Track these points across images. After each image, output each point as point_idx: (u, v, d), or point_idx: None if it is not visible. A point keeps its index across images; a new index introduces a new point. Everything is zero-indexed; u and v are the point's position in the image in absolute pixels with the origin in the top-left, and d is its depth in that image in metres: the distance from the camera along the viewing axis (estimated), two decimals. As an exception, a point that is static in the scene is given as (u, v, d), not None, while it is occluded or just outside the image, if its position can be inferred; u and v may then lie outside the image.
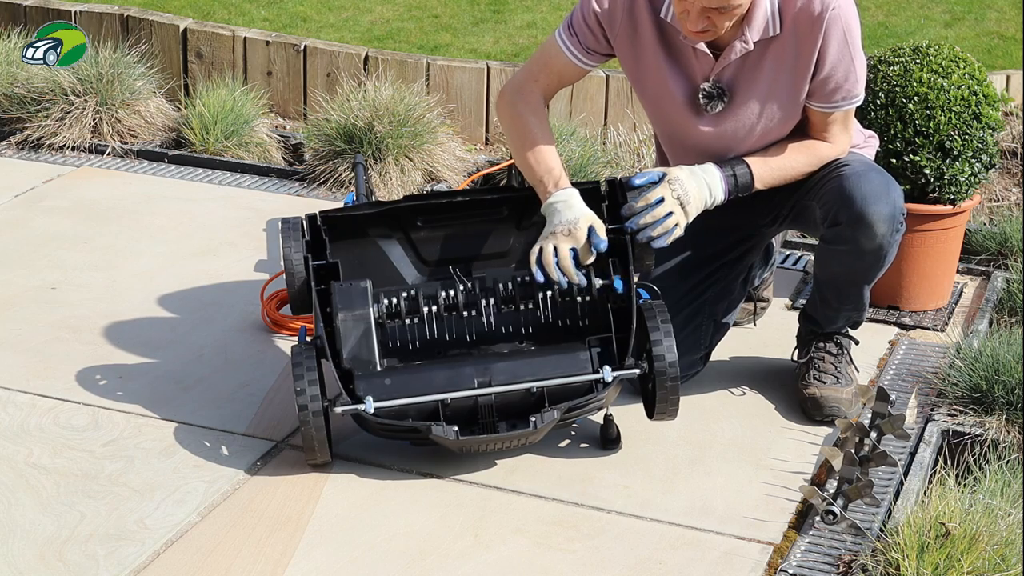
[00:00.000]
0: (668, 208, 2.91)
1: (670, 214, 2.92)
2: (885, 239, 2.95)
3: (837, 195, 2.95)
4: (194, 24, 5.30)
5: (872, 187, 2.93)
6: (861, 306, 3.12)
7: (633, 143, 4.56)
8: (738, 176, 2.98)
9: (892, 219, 2.94)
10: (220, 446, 2.96)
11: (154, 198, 4.36)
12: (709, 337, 3.21)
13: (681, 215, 2.93)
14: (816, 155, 3.03)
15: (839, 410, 3.07)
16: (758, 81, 2.95)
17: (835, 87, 2.94)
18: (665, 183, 2.93)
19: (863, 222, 2.92)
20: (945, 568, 2.44)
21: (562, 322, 2.99)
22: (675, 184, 2.92)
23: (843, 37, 2.88)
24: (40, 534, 2.63)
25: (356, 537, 2.67)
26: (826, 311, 3.14)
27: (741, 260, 3.23)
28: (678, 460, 2.95)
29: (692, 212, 2.94)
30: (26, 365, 3.27)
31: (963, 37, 5.87)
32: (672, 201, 2.91)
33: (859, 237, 2.94)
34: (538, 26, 5.94)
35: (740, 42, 2.89)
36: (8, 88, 4.78)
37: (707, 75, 2.96)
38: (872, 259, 2.98)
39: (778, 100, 2.96)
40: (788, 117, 2.99)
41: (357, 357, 2.85)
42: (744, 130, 2.99)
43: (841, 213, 2.95)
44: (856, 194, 2.92)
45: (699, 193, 2.94)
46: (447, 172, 4.52)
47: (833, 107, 2.97)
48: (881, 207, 2.92)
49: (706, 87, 2.97)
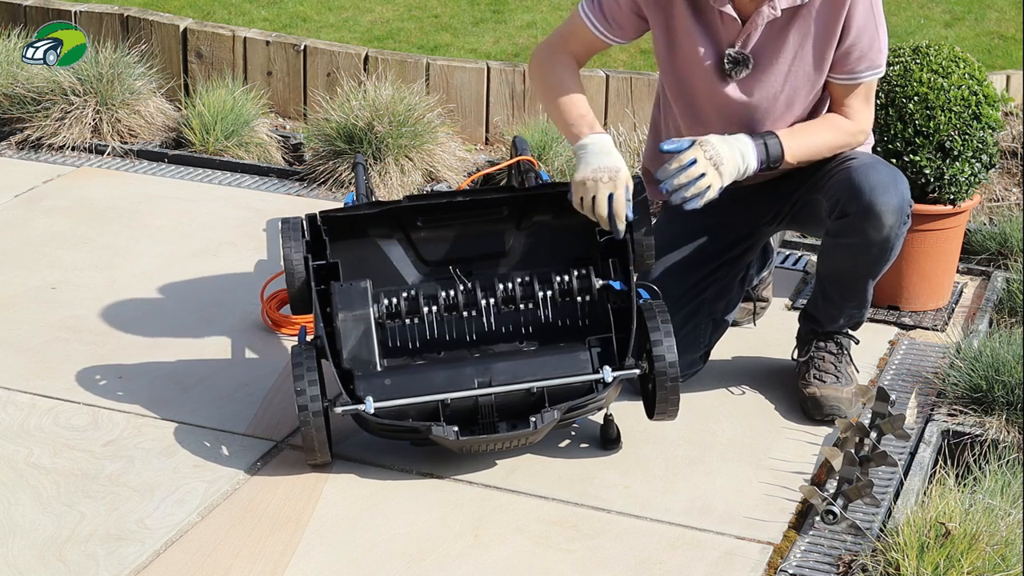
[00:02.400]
0: (701, 169, 2.90)
1: (703, 175, 2.90)
2: (893, 231, 2.95)
3: (846, 186, 2.96)
4: (194, 24, 5.30)
5: (881, 178, 2.94)
6: (864, 303, 3.12)
7: (633, 143, 4.56)
8: (769, 146, 2.97)
9: (900, 210, 2.95)
10: (220, 446, 2.96)
11: (154, 198, 4.36)
12: (708, 336, 3.21)
13: (715, 176, 2.91)
14: (840, 130, 3.04)
15: (839, 409, 3.07)
16: (784, 48, 2.98)
17: (860, 56, 2.97)
18: (697, 146, 2.91)
19: (872, 213, 2.93)
20: (945, 568, 2.44)
21: (562, 322, 2.99)
22: (707, 147, 2.91)
23: (869, 5, 2.94)
24: (40, 534, 2.63)
25: (356, 537, 2.67)
26: (829, 308, 3.14)
27: (740, 259, 3.23)
28: (678, 460, 2.95)
29: (726, 175, 2.92)
30: (26, 365, 3.27)
31: (963, 37, 5.87)
32: (705, 162, 2.90)
33: (867, 228, 2.95)
34: (538, 26, 5.94)
35: (768, 7, 2.92)
36: (8, 88, 4.78)
37: (733, 40, 2.99)
38: (879, 251, 2.99)
39: (803, 67, 2.99)
40: (813, 85, 3.02)
41: (357, 357, 2.85)
42: (769, 97, 3.02)
43: (850, 204, 2.95)
44: (865, 185, 2.93)
45: (732, 158, 2.93)
46: (447, 172, 4.52)
47: (856, 78, 3.00)
48: (890, 198, 2.93)
49: (732, 52, 2.99)
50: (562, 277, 2.99)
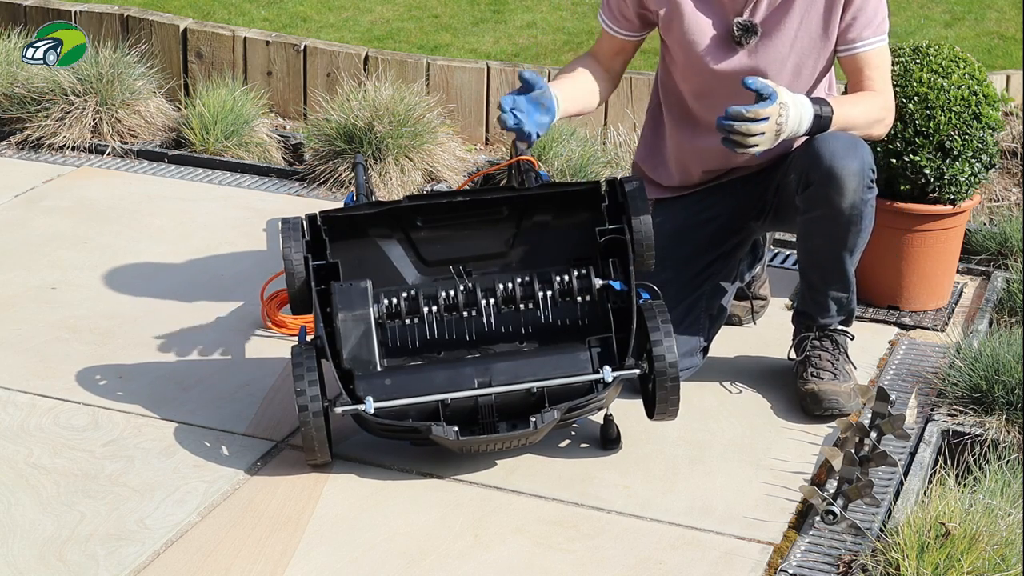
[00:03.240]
0: (763, 128, 2.84)
1: (762, 134, 2.84)
2: (857, 195, 2.97)
3: (806, 156, 3.01)
4: (194, 24, 5.30)
5: (839, 144, 2.98)
6: (847, 285, 3.13)
7: (633, 143, 4.56)
8: (823, 115, 2.96)
9: (862, 173, 2.97)
10: (220, 446, 2.96)
11: (154, 198, 4.36)
12: (707, 331, 3.22)
13: (771, 139, 2.86)
14: (873, 103, 3.07)
15: (838, 404, 3.07)
16: (790, 14, 3.05)
17: (866, 22, 3.05)
18: (777, 105, 2.86)
19: (833, 177, 2.96)
20: (945, 568, 2.44)
21: (562, 322, 2.99)
22: (783, 111, 2.87)
23: None
24: (40, 534, 2.63)
25: (356, 537, 2.67)
26: (816, 297, 3.15)
27: (733, 254, 3.27)
28: (678, 460, 2.95)
29: (780, 138, 2.89)
30: (26, 365, 3.27)
31: (963, 37, 5.87)
32: (773, 127, 2.85)
33: (831, 194, 2.97)
34: (538, 26, 5.94)
35: None
36: (8, 88, 4.78)
37: (740, 10, 3.06)
38: (847, 220, 3.00)
39: (808, 34, 3.06)
40: (819, 53, 3.08)
41: (357, 357, 2.85)
42: (776, 64, 3.07)
43: (812, 172, 2.99)
44: (824, 151, 2.97)
45: (794, 123, 2.91)
46: (447, 172, 4.52)
47: (866, 45, 3.06)
48: (850, 161, 2.96)
49: (740, 20, 3.06)
50: (562, 277, 2.99)
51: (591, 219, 3.02)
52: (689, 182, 3.25)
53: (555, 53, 5.58)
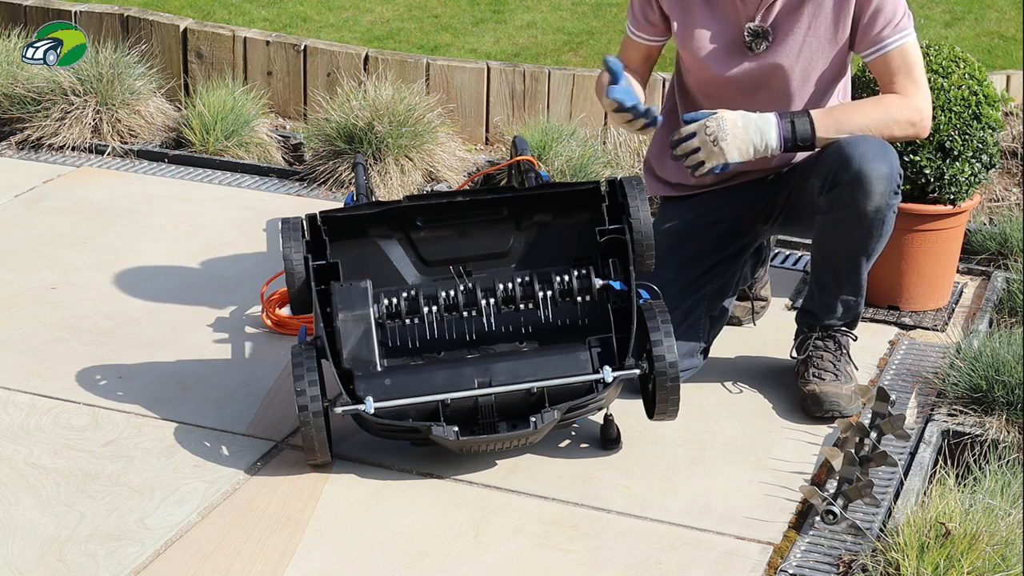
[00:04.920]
0: (696, 144, 2.98)
1: (697, 150, 2.98)
2: (883, 199, 2.97)
3: (835, 157, 2.99)
4: (194, 24, 5.30)
5: (869, 147, 2.97)
6: (859, 289, 3.12)
7: (633, 143, 4.56)
8: (797, 123, 3.01)
9: (890, 178, 2.97)
10: (220, 446, 2.96)
11: (154, 198, 4.36)
12: (707, 332, 3.22)
13: (709, 152, 2.97)
14: (889, 107, 3.06)
15: (839, 405, 3.07)
16: (800, 18, 3.06)
17: (885, 21, 3.03)
18: (703, 121, 2.99)
19: (861, 179, 2.95)
20: (945, 568, 2.44)
21: (562, 322, 2.99)
22: (712, 123, 2.98)
23: None
24: (40, 534, 2.63)
25: (356, 537, 2.67)
26: (824, 298, 3.15)
27: (737, 257, 3.26)
28: (678, 460, 2.95)
29: (729, 151, 2.97)
30: (26, 365, 3.27)
31: (963, 37, 5.87)
32: (703, 138, 2.98)
33: (858, 197, 2.96)
34: (538, 26, 5.94)
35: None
36: (8, 88, 4.78)
37: (751, 15, 3.07)
38: (870, 224, 2.99)
39: (817, 37, 3.06)
40: (828, 56, 3.08)
41: (357, 357, 2.85)
42: (785, 68, 3.08)
43: (840, 173, 2.98)
44: (855, 153, 2.96)
45: (743, 134, 2.97)
46: (447, 172, 4.52)
47: (887, 46, 3.04)
48: (880, 165, 2.95)
49: (751, 26, 3.07)
50: (562, 277, 2.99)
51: (591, 219, 3.02)
52: (701, 182, 3.24)
53: (555, 53, 5.59)
